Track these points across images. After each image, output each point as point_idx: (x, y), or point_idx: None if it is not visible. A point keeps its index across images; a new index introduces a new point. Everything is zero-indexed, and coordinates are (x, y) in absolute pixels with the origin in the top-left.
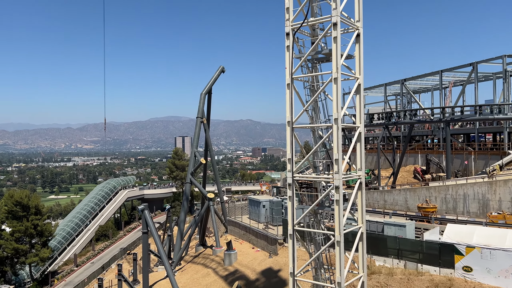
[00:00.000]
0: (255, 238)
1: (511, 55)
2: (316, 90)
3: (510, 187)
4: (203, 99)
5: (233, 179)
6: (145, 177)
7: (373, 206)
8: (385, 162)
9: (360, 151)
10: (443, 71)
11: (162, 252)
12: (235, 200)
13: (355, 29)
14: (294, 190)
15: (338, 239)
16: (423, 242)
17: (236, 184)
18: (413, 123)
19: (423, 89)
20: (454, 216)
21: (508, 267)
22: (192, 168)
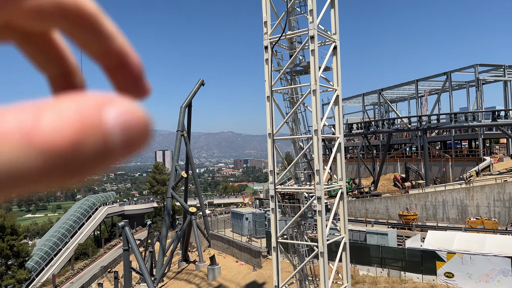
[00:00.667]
0: (239, 252)
1: (483, 64)
2: (295, 102)
3: (487, 193)
4: (183, 112)
5: (215, 192)
6: (125, 192)
7: (355, 215)
8: (365, 171)
9: (340, 161)
10: (418, 81)
11: (144, 269)
12: (218, 213)
13: (332, 42)
14: (276, 202)
15: (321, 250)
16: (405, 249)
17: (218, 197)
18: (391, 132)
19: (400, 98)
20: (435, 223)
21: (488, 271)
22: (173, 182)
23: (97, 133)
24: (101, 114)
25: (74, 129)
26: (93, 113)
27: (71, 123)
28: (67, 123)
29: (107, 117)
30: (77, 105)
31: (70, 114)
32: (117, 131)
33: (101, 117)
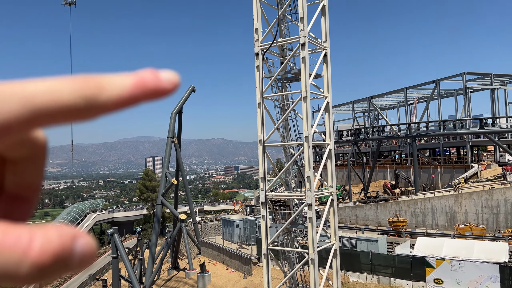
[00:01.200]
0: (229, 259)
1: (470, 72)
2: (286, 108)
3: (475, 199)
4: (174, 118)
5: (206, 198)
6: (114, 199)
7: (345, 221)
8: (356, 177)
9: (331, 168)
10: (407, 88)
11: (133, 277)
12: (208, 220)
13: (323, 49)
14: (267, 208)
15: (312, 257)
16: (395, 256)
17: (209, 204)
18: (381, 139)
19: (390, 106)
20: (424, 229)
21: (476, 278)
22: (163, 189)
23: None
24: (73, 243)
25: (55, 251)
26: (69, 242)
27: (53, 248)
28: (51, 247)
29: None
30: (59, 236)
31: (54, 241)
32: (77, 255)
33: (72, 247)
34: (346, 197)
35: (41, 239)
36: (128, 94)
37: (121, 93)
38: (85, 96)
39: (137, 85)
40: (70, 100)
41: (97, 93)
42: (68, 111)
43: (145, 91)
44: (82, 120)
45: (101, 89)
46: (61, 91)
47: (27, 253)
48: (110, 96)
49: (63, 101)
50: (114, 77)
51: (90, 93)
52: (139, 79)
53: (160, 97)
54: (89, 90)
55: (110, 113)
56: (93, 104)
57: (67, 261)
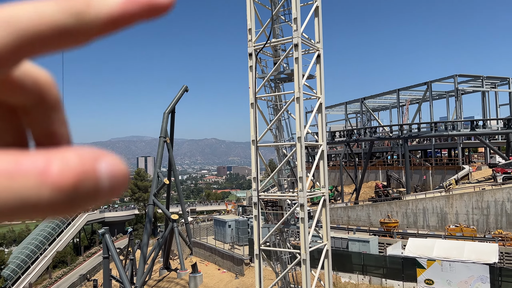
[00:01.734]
0: (221, 259)
1: (462, 74)
2: (279, 109)
3: (466, 201)
4: (166, 118)
5: (198, 199)
6: None
7: (337, 222)
8: (348, 178)
9: (323, 169)
10: (400, 90)
11: (124, 277)
12: (200, 220)
13: (316, 50)
14: (259, 209)
15: (304, 257)
16: (386, 257)
17: (201, 204)
18: (373, 140)
19: (382, 107)
20: (415, 230)
21: (467, 278)
22: (155, 189)
23: (92, 178)
24: (96, 165)
25: (76, 174)
26: (90, 164)
27: (74, 169)
28: (71, 169)
29: (100, 167)
30: (79, 156)
31: (73, 162)
32: (105, 178)
33: (96, 167)
34: (338, 198)
35: (58, 161)
36: (120, 9)
37: (112, 9)
38: (72, 13)
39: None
40: (56, 19)
41: (85, 9)
42: (57, 32)
43: (138, 7)
44: (74, 44)
45: (89, 4)
46: (46, 10)
47: (45, 176)
48: (100, 11)
49: (50, 21)
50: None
51: (77, 9)
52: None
53: (155, 15)
54: (76, 6)
55: (103, 34)
56: (82, 22)
57: (95, 185)
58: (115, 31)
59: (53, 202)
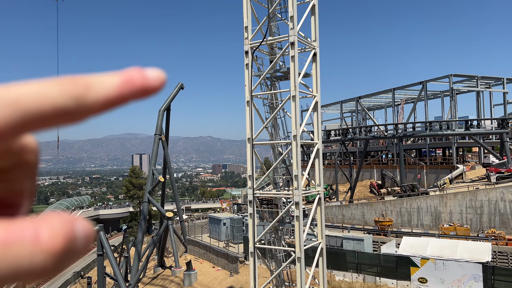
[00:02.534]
0: (216, 257)
1: (457, 74)
2: (275, 107)
3: (460, 200)
4: (162, 116)
5: (193, 196)
6: (100, 196)
7: (332, 220)
8: (343, 177)
9: (318, 167)
10: (395, 89)
11: (119, 275)
12: (195, 218)
13: (312, 49)
14: (254, 207)
15: (298, 255)
16: (380, 255)
17: (196, 202)
18: (368, 139)
19: (377, 106)
20: (409, 229)
21: (460, 277)
22: (150, 186)
23: (73, 241)
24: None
25: (62, 238)
26: (70, 228)
27: (60, 234)
28: (58, 234)
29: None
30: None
31: (58, 228)
32: (81, 238)
33: (75, 230)
34: (333, 196)
35: (46, 227)
36: (116, 93)
37: (109, 92)
38: (73, 97)
39: (124, 84)
40: (58, 101)
41: (85, 93)
42: (57, 113)
43: (133, 90)
44: (71, 123)
45: (89, 89)
46: (49, 93)
47: (38, 243)
48: (98, 95)
49: (52, 103)
50: (101, 76)
51: (78, 93)
52: (126, 78)
53: (147, 96)
54: (77, 90)
55: (99, 113)
56: (81, 105)
57: (75, 245)
58: (109, 110)
59: (44, 266)
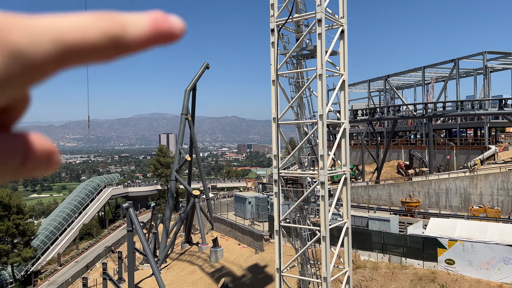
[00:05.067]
0: (241, 235)
1: (492, 51)
2: (301, 86)
3: (491, 181)
4: (188, 95)
5: (219, 175)
6: (129, 174)
7: (357, 201)
8: (369, 157)
9: (344, 147)
10: (425, 67)
11: (148, 250)
12: (221, 197)
13: (340, 26)
14: (280, 186)
15: (323, 234)
16: (406, 236)
17: (222, 181)
18: (396, 119)
19: (406, 85)
20: (437, 210)
21: (489, 259)
22: (177, 165)
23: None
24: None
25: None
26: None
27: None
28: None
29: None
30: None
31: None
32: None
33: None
34: (359, 177)
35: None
36: (147, 35)
37: (141, 34)
38: (111, 35)
39: (153, 27)
40: (97, 38)
41: (121, 33)
42: (95, 50)
43: (159, 34)
44: (105, 60)
45: (125, 29)
46: (89, 29)
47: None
48: (132, 36)
49: (91, 40)
50: (134, 16)
51: (115, 32)
52: (155, 21)
53: (169, 42)
54: (114, 29)
55: (129, 54)
56: (117, 44)
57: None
58: (138, 52)
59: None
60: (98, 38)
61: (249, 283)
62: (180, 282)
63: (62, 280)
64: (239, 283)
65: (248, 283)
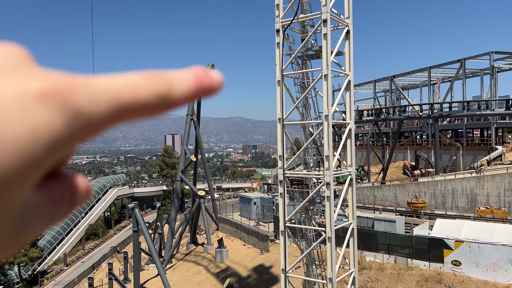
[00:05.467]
0: (246, 235)
1: (498, 51)
2: (306, 86)
3: (498, 182)
4: None
5: (224, 176)
6: (135, 175)
7: (363, 202)
8: (375, 158)
9: (350, 148)
10: (431, 68)
11: (153, 250)
12: (226, 197)
13: (345, 26)
14: (285, 186)
15: (329, 235)
16: (412, 237)
17: (227, 182)
18: (402, 119)
19: (412, 86)
20: (443, 211)
21: (496, 260)
22: (183, 165)
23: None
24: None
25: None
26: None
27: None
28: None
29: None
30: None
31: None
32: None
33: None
34: (365, 178)
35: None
36: (191, 92)
37: (186, 91)
38: (160, 94)
39: (196, 83)
40: (148, 98)
41: (169, 91)
42: (146, 107)
43: (201, 90)
44: (152, 116)
45: (172, 87)
46: (141, 89)
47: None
48: (179, 93)
49: (142, 99)
50: (178, 74)
51: (164, 92)
52: (197, 78)
53: (209, 95)
54: (162, 88)
55: (174, 109)
56: (165, 101)
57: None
58: (182, 107)
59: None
60: (149, 97)
61: (254, 283)
62: (186, 283)
63: (68, 280)
64: (244, 283)
65: (253, 283)
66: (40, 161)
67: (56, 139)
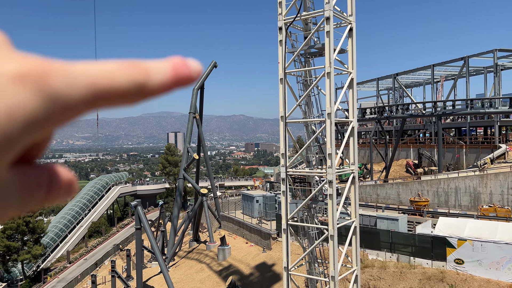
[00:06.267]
0: (249, 233)
1: (502, 49)
2: (309, 84)
3: (501, 180)
4: (196, 94)
5: (226, 174)
6: (137, 173)
7: (366, 200)
8: (378, 156)
9: (353, 146)
10: (435, 66)
11: (156, 248)
12: (228, 195)
13: (348, 23)
14: (287, 184)
15: (331, 233)
16: (415, 235)
17: (229, 179)
18: (405, 117)
19: (415, 84)
20: (446, 210)
21: (499, 259)
22: (185, 163)
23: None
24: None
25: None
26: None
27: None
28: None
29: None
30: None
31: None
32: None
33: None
34: (367, 176)
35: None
36: (168, 81)
37: (163, 80)
38: (136, 82)
39: (173, 73)
40: (124, 85)
41: (145, 80)
42: (122, 95)
43: (179, 79)
44: (128, 104)
45: (149, 76)
46: (117, 76)
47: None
48: (156, 82)
49: (119, 86)
50: (156, 63)
51: (140, 80)
52: (175, 67)
53: (188, 85)
54: (140, 76)
55: (151, 99)
56: (142, 90)
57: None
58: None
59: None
60: (126, 84)
61: (257, 281)
62: (188, 280)
63: (71, 277)
64: (246, 281)
65: (255, 281)
66: (16, 140)
67: (32, 119)
